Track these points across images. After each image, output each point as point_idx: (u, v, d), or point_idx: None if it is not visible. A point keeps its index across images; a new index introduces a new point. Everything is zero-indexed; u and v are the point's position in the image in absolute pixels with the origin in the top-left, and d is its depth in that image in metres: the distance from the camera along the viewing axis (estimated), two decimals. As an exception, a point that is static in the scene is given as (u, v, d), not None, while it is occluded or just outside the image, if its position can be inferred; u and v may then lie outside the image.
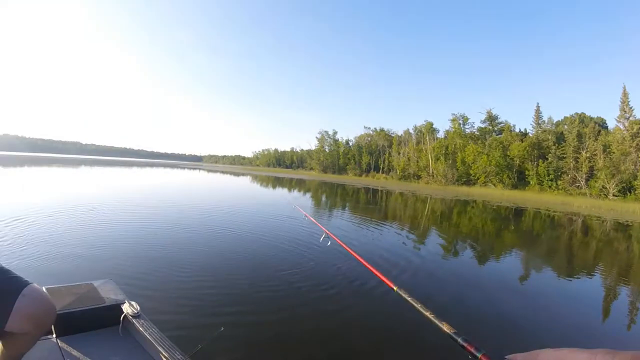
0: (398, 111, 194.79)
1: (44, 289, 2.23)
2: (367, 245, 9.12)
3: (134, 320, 2.36)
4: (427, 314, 1.32)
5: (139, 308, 2.46)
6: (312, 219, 4.74)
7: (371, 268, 2.02)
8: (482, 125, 69.73)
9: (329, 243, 3.38)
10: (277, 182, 43.73)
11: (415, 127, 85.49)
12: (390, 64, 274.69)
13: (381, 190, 40.17)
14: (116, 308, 2.50)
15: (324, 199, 24.83)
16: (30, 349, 1.63)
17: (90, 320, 2.38)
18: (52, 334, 2.22)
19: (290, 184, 41.26)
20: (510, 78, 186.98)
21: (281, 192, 27.18)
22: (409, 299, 1.46)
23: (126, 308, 2.47)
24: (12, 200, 12.06)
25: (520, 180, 57.15)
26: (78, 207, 11.01)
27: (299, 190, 30.99)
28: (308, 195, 27.22)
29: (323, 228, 3.56)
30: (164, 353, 2.04)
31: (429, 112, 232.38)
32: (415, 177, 74.46)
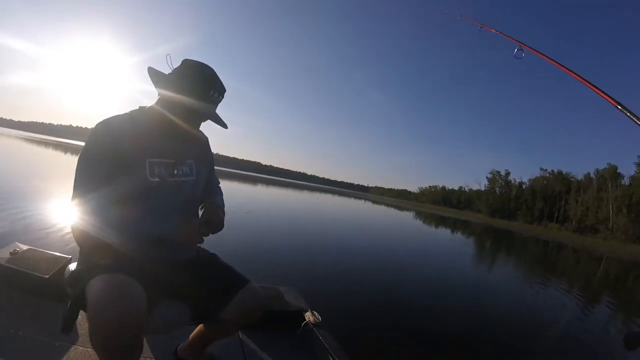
0: (580, 151, 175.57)
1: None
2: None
3: (314, 329, 2.53)
4: None
5: (320, 318, 2.63)
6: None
7: None
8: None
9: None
10: (440, 221, 43.80)
11: (597, 171, 75.35)
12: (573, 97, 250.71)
13: (551, 244, 37.72)
14: (299, 314, 2.72)
15: (487, 245, 24.85)
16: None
17: (273, 321, 2.51)
18: None
19: (454, 225, 40.92)
20: None
21: (444, 233, 27.89)
22: None
23: (308, 316, 2.65)
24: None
25: None
26: (265, 215, 13.79)
27: (463, 232, 30.94)
28: (471, 239, 26.88)
29: None
30: None
31: (615, 153, 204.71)
32: (592, 231, 65.91)
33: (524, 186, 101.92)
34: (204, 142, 1.85)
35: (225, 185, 1.78)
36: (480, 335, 5.01)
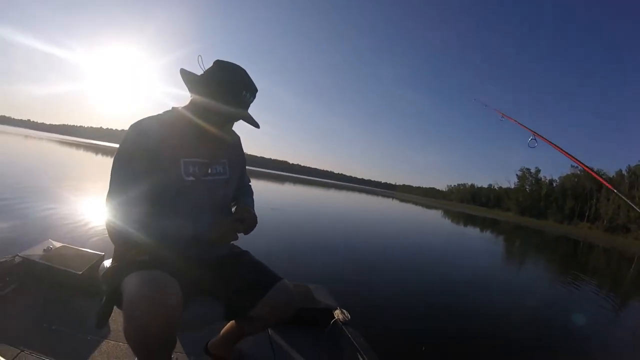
0: (615, 145, 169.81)
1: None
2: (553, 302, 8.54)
3: (343, 327, 2.53)
4: None
5: (349, 316, 2.65)
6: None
7: None
8: None
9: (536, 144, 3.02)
10: (468, 220, 43.43)
11: (629, 168, 74.31)
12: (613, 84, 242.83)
13: (582, 243, 37.03)
14: (328, 312, 2.73)
15: (516, 245, 24.74)
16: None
17: (302, 318, 2.53)
18: None
19: (483, 223, 40.43)
20: None
21: (473, 231, 27.69)
22: None
23: (337, 314, 2.67)
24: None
25: None
26: (291, 213, 14.13)
27: (492, 231, 30.60)
28: (500, 238, 26.81)
29: None
30: None
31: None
32: (624, 230, 64.56)
33: (554, 184, 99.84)
34: (236, 142, 1.88)
35: (254, 184, 2.07)
36: (508, 335, 4.99)
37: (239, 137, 1.90)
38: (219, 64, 1.54)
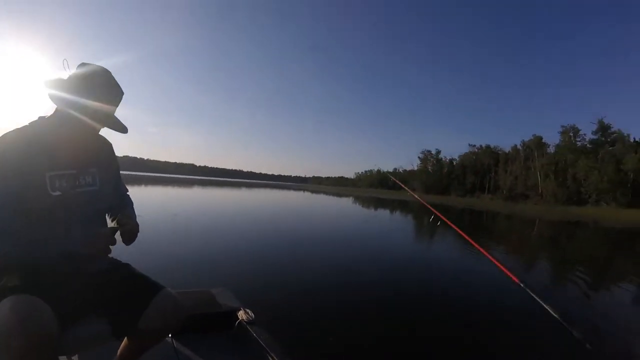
0: (506, 126, 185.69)
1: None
2: (462, 272, 9.17)
3: (248, 327, 2.51)
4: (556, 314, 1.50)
5: (253, 315, 2.63)
6: (422, 201, 4.40)
7: (492, 259, 2.31)
8: (595, 137, 64.17)
9: (438, 223, 3.56)
10: (378, 203, 44.79)
11: (524, 143, 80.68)
12: (495, 75, 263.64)
13: (486, 213, 39.08)
14: (232, 314, 2.68)
15: (425, 221, 25.15)
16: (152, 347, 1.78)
17: (206, 324, 2.57)
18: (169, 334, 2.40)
19: (392, 205, 41.52)
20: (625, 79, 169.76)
21: (383, 213, 28.02)
22: (535, 296, 1.67)
23: (241, 315, 2.64)
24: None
25: (636, 198, 51.04)
26: (189, 221, 12.94)
27: (402, 212, 31.31)
28: (410, 216, 27.38)
29: (433, 210, 3.79)
30: None
31: (540, 125, 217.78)
32: (523, 197, 70.38)
33: (454, 162, 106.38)
34: (107, 148, 1.81)
35: (154, 190, 0.95)
36: (418, 314, 4.88)
37: (110, 144, 1.83)
38: (84, 68, 1.50)
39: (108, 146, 1.82)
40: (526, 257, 12.29)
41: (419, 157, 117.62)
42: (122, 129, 1.57)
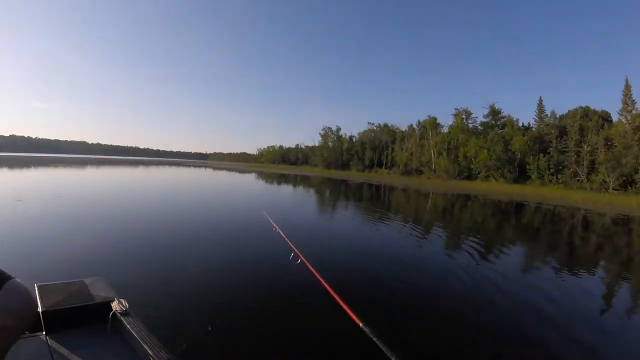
0: (403, 106, 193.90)
1: (36, 286, 2.47)
2: (367, 240, 9.69)
3: (122, 318, 2.40)
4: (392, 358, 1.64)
5: (127, 306, 2.52)
6: (284, 237, 4.63)
7: (339, 300, 2.39)
8: (486, 120, 69.38)
9: (298, 261, 3.51)
10: (281, 178, 44.57)
11: (419, 123, 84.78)
12: (396, 58, 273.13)
13: (384, 187, 40.38)
14: (105, 306, 2.54)
15: (327, 195, 25.30)
16: (12, 345, 1.60)
17: (79, 318, 2.43)
18: (42, 331, 2.27)
19: (295, 180, 41.61)
20: (515, 72, 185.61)
21: (287, 189, 27.73)
22: (374, 339, 1.81)
23: (115, 306, 2.52)
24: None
25: (522, 175, 56.92)
26: (71, 205, 12.13)
27: (304, 186, 31.49)
28: (312, 191, 27.65)
29: (293, 247, 3.80)
30: (150, 351, 2.08)
31: (435, 108, 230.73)
32: (418, 172, 74.31)
33: (354, 139, 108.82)
34: None
35: (33, 173, 0.82)
36: (309, 291, 4.72)
37: None
38: None
39: None
40: (424, 225, 13.13)
41: (320, 134, 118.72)
42: None
